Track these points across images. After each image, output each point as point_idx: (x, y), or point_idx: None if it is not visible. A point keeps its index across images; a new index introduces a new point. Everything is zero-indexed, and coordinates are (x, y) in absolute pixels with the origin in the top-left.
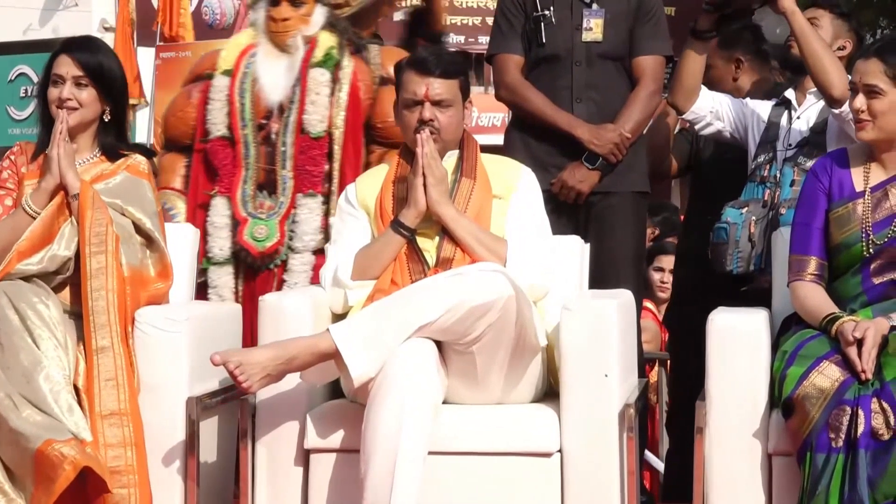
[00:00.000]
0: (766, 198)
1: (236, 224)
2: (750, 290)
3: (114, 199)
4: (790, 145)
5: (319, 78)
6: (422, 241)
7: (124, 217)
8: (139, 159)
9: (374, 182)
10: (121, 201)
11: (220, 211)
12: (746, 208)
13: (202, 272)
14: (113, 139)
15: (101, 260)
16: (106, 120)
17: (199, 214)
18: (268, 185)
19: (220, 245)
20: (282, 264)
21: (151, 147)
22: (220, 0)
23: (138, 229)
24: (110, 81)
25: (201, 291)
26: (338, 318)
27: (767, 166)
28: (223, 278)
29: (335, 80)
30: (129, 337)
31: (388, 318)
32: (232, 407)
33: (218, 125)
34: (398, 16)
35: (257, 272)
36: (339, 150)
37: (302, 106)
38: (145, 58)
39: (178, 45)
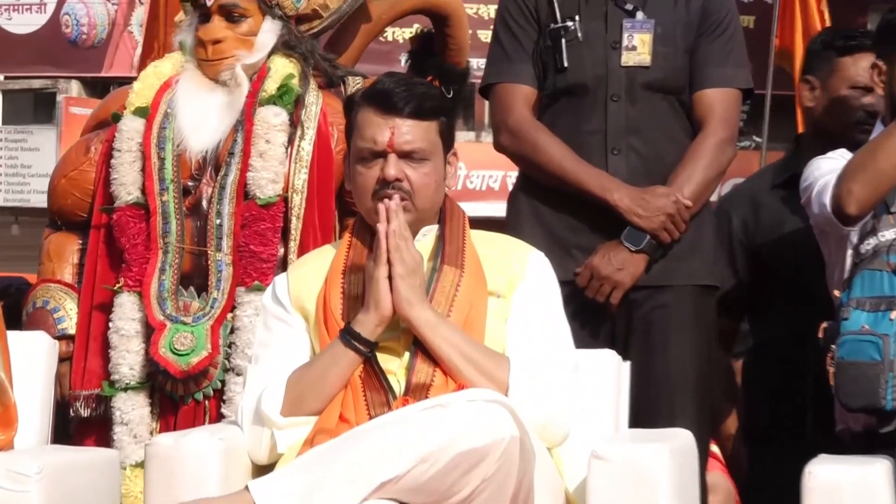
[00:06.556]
0: None
1: (150, 332)
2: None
3: None
4: None
5: (272, 120)
6: (384, 360)
7: None
8: None
9: (314, 272)
10: None
11: (127, 313)
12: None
13: (100, 402)
14: None
15: None
16: None
17: (97, 319)
18: (196, 274)
19: (130, 363)
20: (216, 393)
21: None
22: (86, 5)
23: None
24: None
25: (97, 430)
26: (262, 470)
27: (888, 249)
28: (138, 410)
29: (295, 124)
30: None
31: (333, 471)
32: None
33: (127, 186)
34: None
35: (179, 404)
36: (298, 223)
37: (246, 159)
38: None
39: None
